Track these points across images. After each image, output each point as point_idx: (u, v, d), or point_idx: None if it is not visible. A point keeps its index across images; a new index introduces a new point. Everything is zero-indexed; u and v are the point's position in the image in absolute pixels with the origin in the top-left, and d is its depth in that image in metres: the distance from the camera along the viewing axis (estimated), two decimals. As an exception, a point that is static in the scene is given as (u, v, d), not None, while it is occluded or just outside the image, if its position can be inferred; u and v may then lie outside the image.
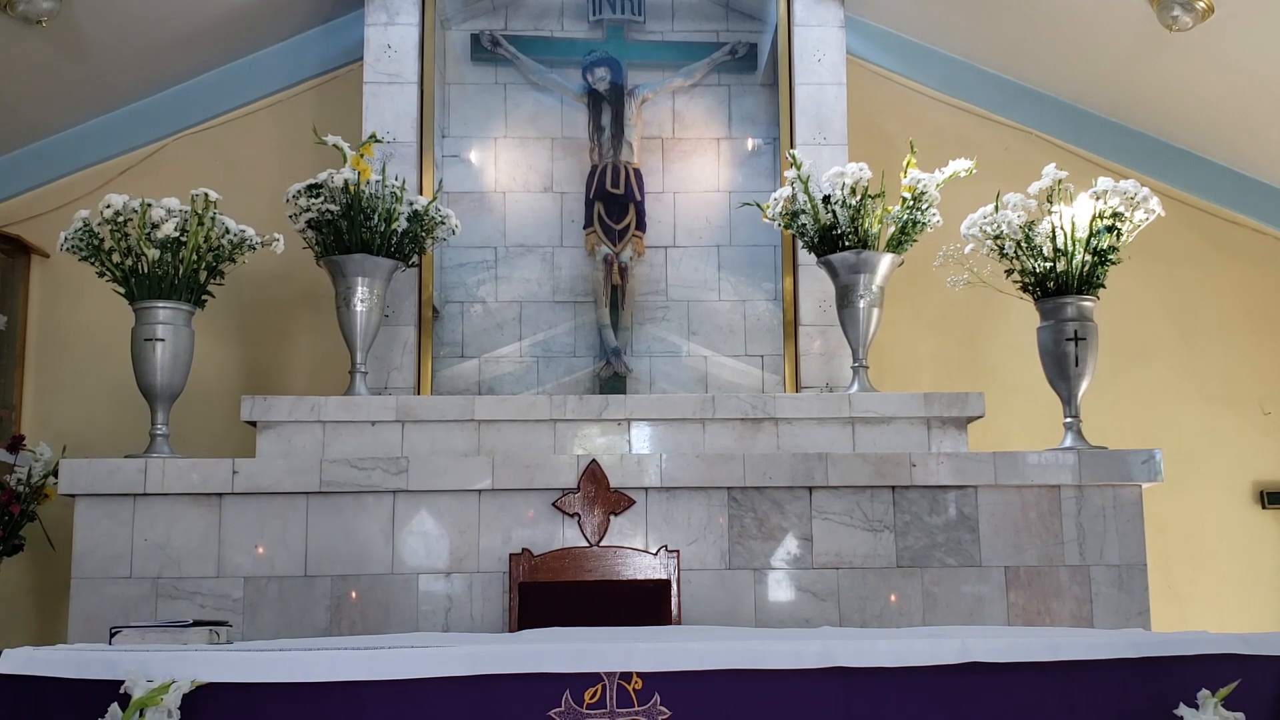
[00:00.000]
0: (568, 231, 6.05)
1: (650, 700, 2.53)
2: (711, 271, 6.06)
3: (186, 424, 5.36)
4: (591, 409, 5.03)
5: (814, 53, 5.85)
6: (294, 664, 2.52)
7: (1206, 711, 2.58)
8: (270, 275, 5.71)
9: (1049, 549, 4.66)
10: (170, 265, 4.79)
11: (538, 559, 4.51)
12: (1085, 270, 4.91)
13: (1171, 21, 5.23)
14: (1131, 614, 4.62)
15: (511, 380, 5.91)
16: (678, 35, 6.25)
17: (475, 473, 4.62)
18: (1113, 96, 6.16)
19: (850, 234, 5.13)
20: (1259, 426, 6.18)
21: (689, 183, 6.14)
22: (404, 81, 5.76)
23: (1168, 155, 6.27)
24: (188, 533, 4.58)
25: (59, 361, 5.92)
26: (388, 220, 5.11)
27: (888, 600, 4.60)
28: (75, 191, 5.89)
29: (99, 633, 4.20)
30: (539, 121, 6.17)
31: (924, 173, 5.16)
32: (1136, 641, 2.73)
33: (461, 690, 2.50)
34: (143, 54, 5.79)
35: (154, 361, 4.82)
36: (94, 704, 2.43)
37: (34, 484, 5.25)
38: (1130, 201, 4.89)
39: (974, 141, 5.94)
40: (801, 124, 5.79)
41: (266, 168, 5.93)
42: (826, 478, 4.65)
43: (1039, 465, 4.71)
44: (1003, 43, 6.11)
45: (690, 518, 4.65)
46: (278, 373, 5.95)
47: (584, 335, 5.96)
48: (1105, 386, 5.56)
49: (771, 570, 4.62)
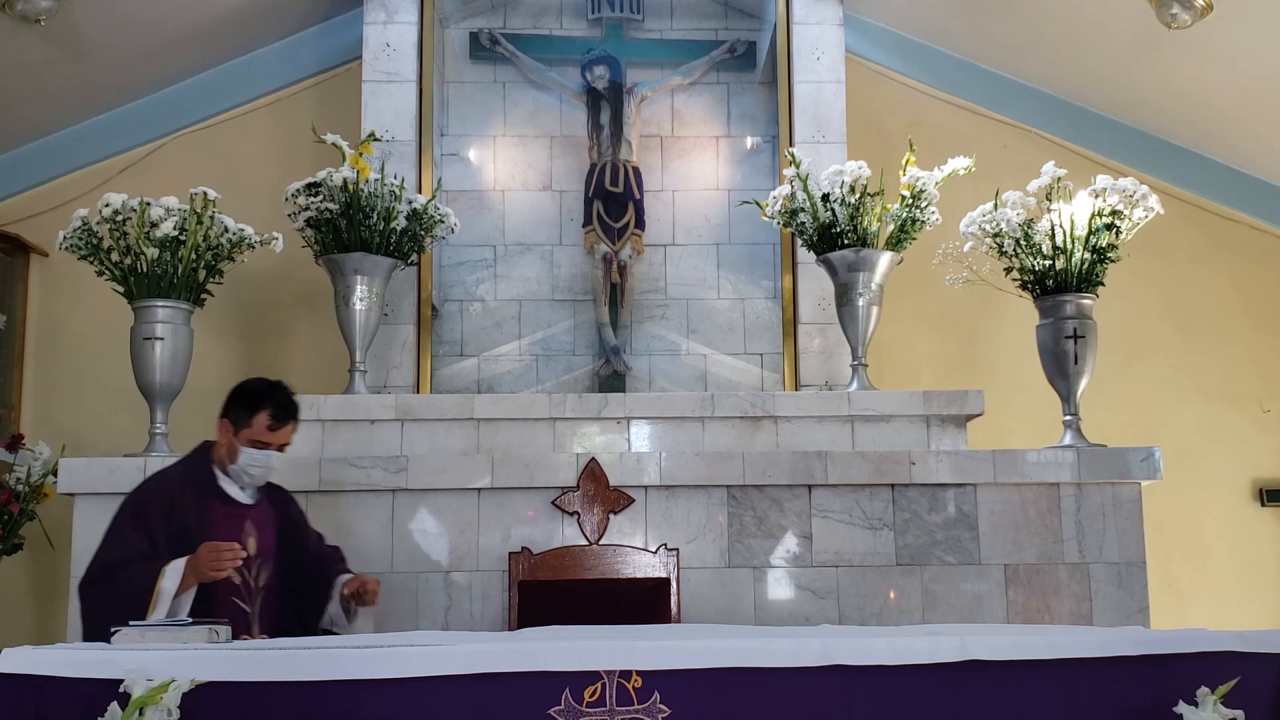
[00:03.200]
0: (567, 230, 6.05)
1: (650, 698, 2.53)
2: (711, 270, 6.06)
3: (186, 423, 5.33)
4: (591, 407, 5.03)
5: (813, 51, 5.85)
6: (293, 663, 2.52)
7: (1206, 709, 2.58)
8: (269, 274, 5.71)
9: (1048, 547, 4.66)
10: (169, 264, 4.79)
11: (537, 557, 4.51)
12: (1084, 268, 4.91)
13: (1170, 19, 5.22)
14: (1131, 611, 4.62)
15: (511, 379, 5.91)
16: (677, 33, 6.25)
17: (474, 471, 4.62)
18: (1112, 94, 6.16)
19: (849, 232, 5.13)
20: (1258, 424, 6.18)
21: (688, 181, 6.14)
22: (403, 80, 5.76)
23: (1166, 153, 6.28)
24: (187, 532, 4.57)
25: (58, 360, 5.92)
26: (387, 219, 5.11)
27: (887, 598, 4.60)
28: (74, 190, 5.88)
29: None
30: (538, 120, 6.17)
31: (923, 171, 5.16)
32: (1136, 639, 2.74)
33: (461, 689, 2.50)
34: (141, 53, 5.79)
35: (153, 360, 4.82)
36: (93, 703, 2.43)
37: (33, 483, 5.24)
38: (1129, 199, 4.89)
39: (973, 139, 5.94)
40: (800, 122, 5.79)
41: (265, 166, 5.92)
42: (826, 476, 4.65)
43: (1038, 463, 4.72)
44: (1001, 40, 6.11)
45: (690, 516, 4.65)
46: (277, 371, 5.84)
47: (583, 334, 5.96)
48: (1104, 384, 5.56)
49: (771, 568, 4.62)
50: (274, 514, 3.91)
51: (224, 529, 3.67)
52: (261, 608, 3.74)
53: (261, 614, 3.73)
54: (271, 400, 3.78)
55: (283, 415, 3.78)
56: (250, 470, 3.75)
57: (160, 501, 3.69)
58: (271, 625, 3.74)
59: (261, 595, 3.76)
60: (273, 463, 3.78)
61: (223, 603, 3.59)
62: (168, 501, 3.69)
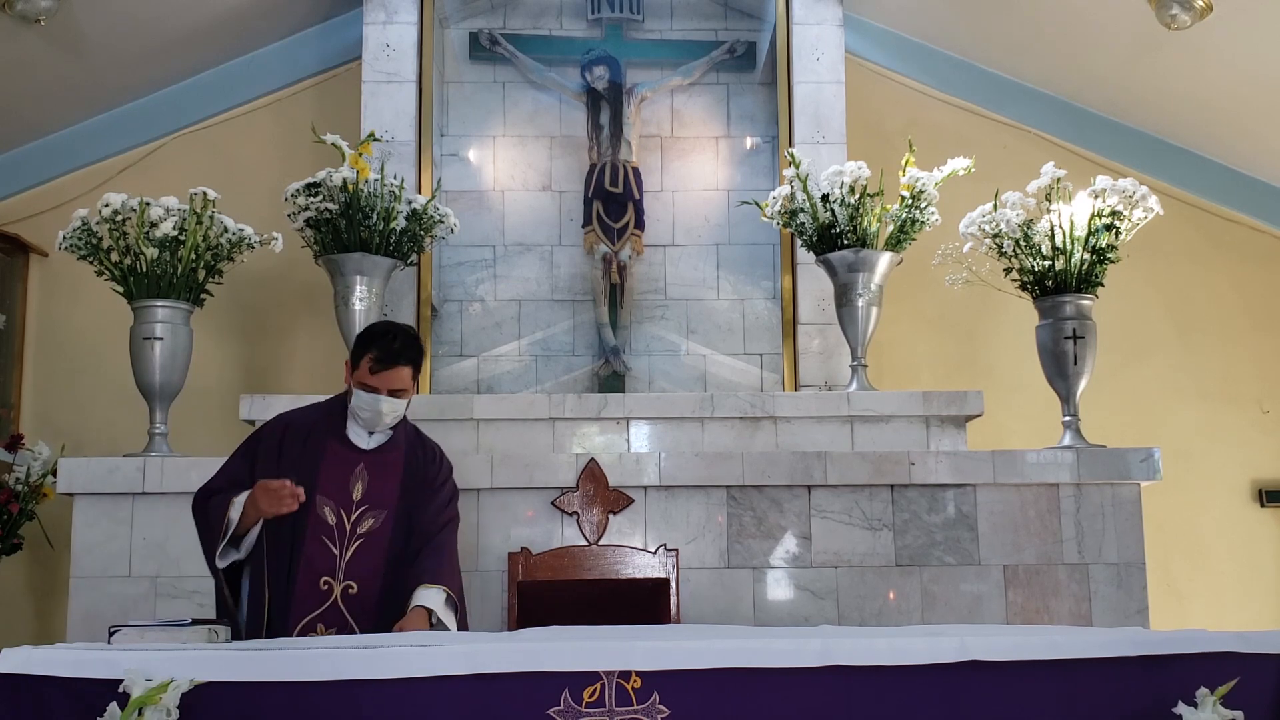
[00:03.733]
0: (566, 230, 6.05)
1: (649, 699, 2.53)
2: (710, 270, 6.06)
3: (185, 423, 5.35)
4: (590, 408, 5.03)
5: (813, 51, 5.85)
6: (293, 663, 2.52)
7: (1205, 709, 2.58)
8: (269, 274, 5.71)
9: (1048, 547, 4.66)
10: (169, 264, 4.79)
11: (536, 558, 4.50)
12: (1084, 269, 4.91)
13: (1170, 20, 5.22)
14: (1130, 612, 4.62)
15: (510, 379, 5.91)
16: (676, 34, 6.25)
17: (474, 471, 4.62)
18: (1111, 95, 6.16)
19: (849, 232, 5.13)
20: (1257, 424, 6.18)
21: (688, 181, 6.14)
22: (402, 80, 5.76)
23: (1166, 154, 6.28)
24: (186, 532, 4.53)
25: (57, 360, 5.92)
26: (386, 219, 5.11)
27: (886, 599, 4.60)
28: (74, 190, 5.88)
29: (98, 631, 4.19)
30: (537, 120, 6.17)
31: (922, 171, 5.16)
32: (1135, 640, 2.73)
33: (461, 689, 2.50)
34: (141, 53, 5.79)
35: (152, 360, 4.83)
36: (93, 703, 2.43)
37: (33, 483, 5.25)
38: (1129, 200, 4.89)
39: (972, 140, 5.94)
40: (800, 122, 5.79)
41: (265, 166, 5.92)
42: (825, 476, 4.65)
43: (1038, 463, 4.71)
44: (1001, 41, 6.11)
45: (689, 516, 4.65)
46: (276, 371, 5.95)
47: (583, 334, 5.96)
48: (1104, 385, 5.56)
49: (770, 569, 4.62)
50: (403, 466, 3.75)
51: (331, 469, 3.62)
52: (357, 555, 3.61)
53: (355, 561, 3.60)
54: (375, 344, 3.62)
55: (384, 359, 3.60)
56: (359, 414, 3.65)
57: (276, 436, 3.68)
58: (370, 579, 3.60)
59: (359, 542, 3.62)
60: (382, 408, 3.61)
61: (312, 539, 3.56)
62: (285, 436, 3.68)
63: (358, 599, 3.57)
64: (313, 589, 3.56)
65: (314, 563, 3.55)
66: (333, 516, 3.61)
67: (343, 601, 3.57)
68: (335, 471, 3.64)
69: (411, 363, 3.65)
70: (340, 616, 3.56)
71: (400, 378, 3.62)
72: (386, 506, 3.67)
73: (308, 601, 3.55)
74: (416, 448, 3.80)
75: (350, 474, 3.66)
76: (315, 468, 3.62)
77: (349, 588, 3.58)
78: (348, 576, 3.60)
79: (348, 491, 3.63)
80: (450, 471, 3.88)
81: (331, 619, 3.55)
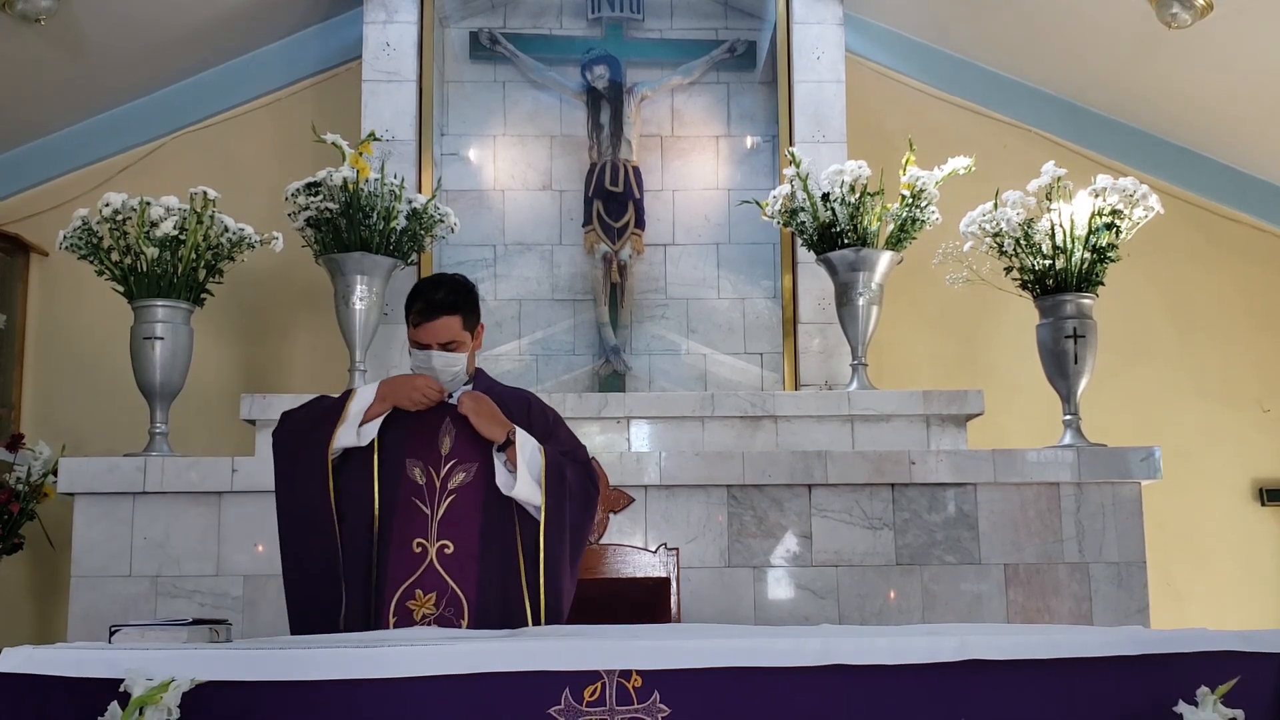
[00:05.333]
0: (567, 229, 6.05)
1: (650, 698, 2.52)
2: (710, 269, 6.06)
3: (185, 422, 5.35)
4: (591, 407, 5.03)
5: (813, 50, 5.85)
6: (294, 662, 2.51)
7: (1205, 709, 2.57)
8: (269, 274, 5.71)
9: (1048, 546, 4.66)
10: (169, 264, 4.79)
11: (537, 557, 4.49)
12: (1084, 268, 4.92)
13: (1170, 19, 5.22)
14: (1130, 611, 4.62)
15: (510, 378, 5.89)
16: (677, 33, 6.25)
17: (474, 471, 4.61)
18: (1112, 94, 6.16)
19: (849, 232, 5.13)
20: (1258, 424, 6.18)
21: (688, 180, 6.14)
22: (402, 79, 5.76)
23: (1167, 153, 6.27)
24: (187, 531, 4.57)
25: (58, 360, 5.92)
26: (386, 218, 5.11)
27: (887, 598, 4.60)
28: (74, 190, 5.88)
29: (98, 631, 4.19)
30: (538, 119, 6.17)
31: (923, 170, 5.16)
32: (1135, 639, 2.73)
33: (461, 688, 2.50)
34: (141, 52, 5.79)
35: (153, 360, 4.83)
36: (93, 702, 2.43)
37: (33, 482, 5.25)
38: (1129, 199, 4.90)
39: (973, 139, 5.94)
40: (800, 122, 5.79)
41: (265, 166, 5.92)
42: (826, 475, 4.65)
43: (1038, 463, 4.72)
44: (1001, 40, 6.11)
45: (689, 516, 4.65)
46: (277, 371, 5.95)
47: (583, 333, 5.96)
48: (1104, 384, 5.56)
49: (771, 568, 4.62)
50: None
51: (418, 421, 3.44)
52: (449, 512, 3.42)
53: (448, 519, 3.41)
54: (418, 297, 3.46)
55: (425, 311, 3.41)
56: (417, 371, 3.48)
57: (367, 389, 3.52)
58: (466, 536, 3.42)
59: (451, 498, 3.42)
60: (435, 363, 3.41)
61: (404, 503, 3.39)
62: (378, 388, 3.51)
63: (454, 558, 3.38)
64: (407, 554, 3.36)
65: (406, 526, 3.36)
66: (422, 476, 3.42)
67: (439, 562, 3.38)
68: (421, 430, 3.45)
69: (457, 310, 3.44)
70: (438, 579, 3.35)
71: (447, 329, 3.42)
72: (477, 459, 3.45)
73: (402, 569, 3.35)
74: (508, 398, 3.58)
75: (437, 430, 3.46)
76: (401, 416, 3.44)
77: (444, 547, 3.38)
78: (442, 536, 3.39)
79: (436, 449, 3.44)
80: (558, 418, 3.68)
81: (429, 583, 3.35)
